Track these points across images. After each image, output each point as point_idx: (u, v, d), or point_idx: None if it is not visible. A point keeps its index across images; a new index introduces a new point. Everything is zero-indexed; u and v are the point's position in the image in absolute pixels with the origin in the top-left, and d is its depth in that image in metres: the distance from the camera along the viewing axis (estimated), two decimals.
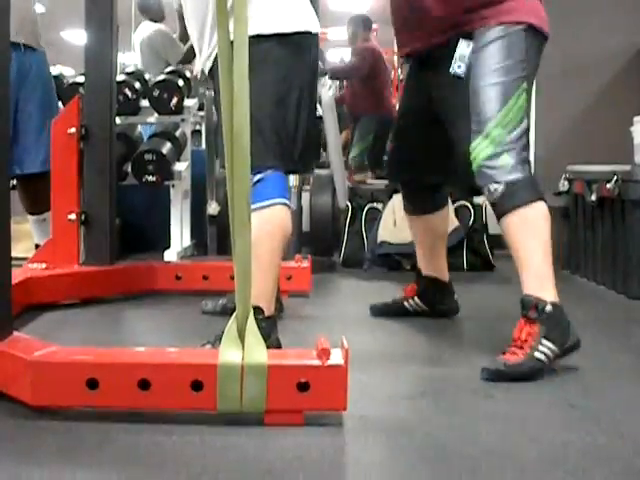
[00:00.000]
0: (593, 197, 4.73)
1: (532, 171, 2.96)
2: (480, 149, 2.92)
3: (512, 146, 2.90)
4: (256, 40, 2.74)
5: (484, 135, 2.91)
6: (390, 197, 5.42)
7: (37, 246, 4.38)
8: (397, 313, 3.76)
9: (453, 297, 3.73)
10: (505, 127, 2.90)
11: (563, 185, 5.29)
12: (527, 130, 2.98)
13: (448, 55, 2.99)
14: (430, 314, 3.72)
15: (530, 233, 2.86)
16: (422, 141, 3.36)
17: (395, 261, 5.13)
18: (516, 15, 2.97)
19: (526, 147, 2.96)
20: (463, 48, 2.95)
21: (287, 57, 2.92)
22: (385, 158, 9.09)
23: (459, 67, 2.95)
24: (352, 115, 8.92)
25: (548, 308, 2.77)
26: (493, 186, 2.88)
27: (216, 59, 2.24)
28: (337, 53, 13.48)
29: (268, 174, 2.81)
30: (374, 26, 9.46)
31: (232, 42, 2.15)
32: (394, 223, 5.20)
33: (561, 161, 5.40)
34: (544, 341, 2.75)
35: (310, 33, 3.03)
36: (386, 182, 5.85)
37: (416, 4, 3.09)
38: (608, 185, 4.47)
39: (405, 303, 3.77)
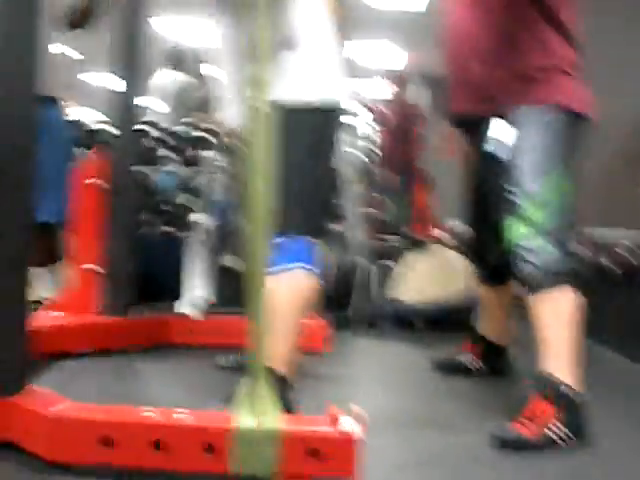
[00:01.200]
0: (606, 261, 4.74)
1: (567, 253, 2.96)
2: (515, 228, 2.94)
3: (548, 227, 2.90)
4: (286, 108, 2.80)
5: (521, 215, 2.93)
6: (403, 255, 5.44)
7: (42, 300, 4.33)
8: (458, 369, 3.85)
9: (508, 359, 3.79)
10: (543, 208, 2.91)
11: (577, 249, 5.29)
12: (564, 211, 2.97)
13: (486, 128, 3.03)
14: (486, 373, 3.79)
15: (558, 316, 2.86)
16: (486, 219, 3.37)
17: (407, 320, 5.13)
18: (554, 97, 3.00)
19: (563, 228, 2.96)
20: (498, 126, 2.97)
21: (317, 125, 2.96)
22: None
23: (493, 145, 2.97)
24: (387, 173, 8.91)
25: (567, 391, 2.77)
26: (525, 266, 2.91)
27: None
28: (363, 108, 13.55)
29: (290, 239, 2.83)
30: None
31: (259, 108, 2.19)
32: (407, 281, 5.21)
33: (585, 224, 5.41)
34: (557, 423, 2.74)
35: (339, 104, 3.08)
36: (400, 239, 5.89)
37: (458, 76, 3.17)
38: (619, 250, 4.49)
39: (462, 359, 3.86)
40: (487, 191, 3.26)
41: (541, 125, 2.98)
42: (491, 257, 3.45)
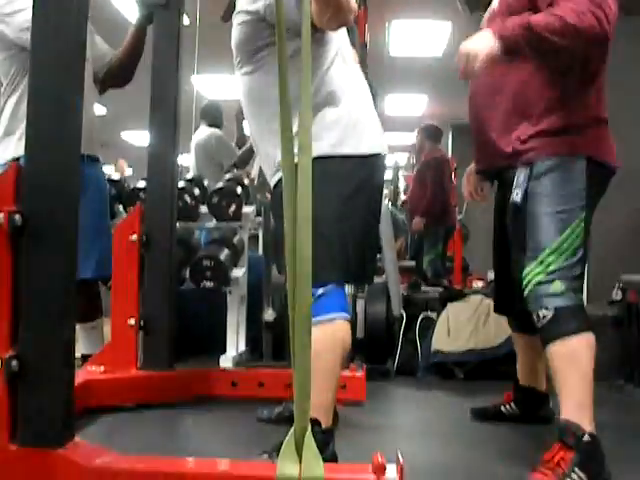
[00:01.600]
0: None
1: (582, 300, 2.99)
2: (533, 274, 2.97)
3: (565, 274, 2.94)
4: (327, 159, 2.86)
5: (538, 261, 2.96)
6: (444, 306, 5.47)
7: (84, 356, 4.36)
8: (494, 417, 3.87)
9: (548, 405, 3.80)
10: (560, 255, 2.94)
11: (617, 294, 5.31)
12: (582, 260, 3.00)
13: (511, 181, 3.07)
14: (524, 420, 3.79)
15: (574, 362, 2.87)
16: (509, 263, 3.37)
17: (448, 370, 5.15)
18: (578, 149, 3.03)
19: (580, 276, 2.99)
20: (522, 176, 3.01)
21: (356, 176, 3.01)
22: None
23: (517, 195, 3.01)
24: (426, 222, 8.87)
25: (586, 438, 2.77)
26: (542, 312, 2.92)
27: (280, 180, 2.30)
28: (392, 157, 13.66)
29: (330, 288, 2.87)
30: None
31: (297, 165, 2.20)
32: (448, 332, 5.23)
33: (615, 270, 5.43)
34: (577, 470, 2.74)
35: (379, 154, 3.12)
36: (440, 291, 5.90)
37: (482, 129, 3.20)
38: None
39: (502, 408, 3.87)
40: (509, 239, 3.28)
41: (568, 174, 3.02)
42: (520, 306, 3.48)
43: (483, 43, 2.90)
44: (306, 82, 1.76)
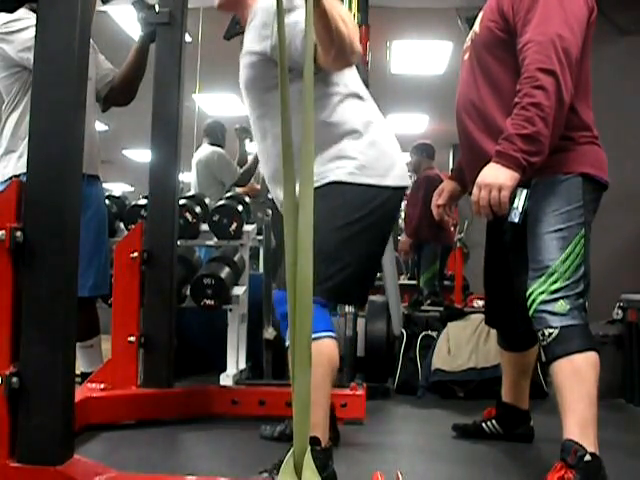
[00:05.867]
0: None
1: (587, 319, 2.97)
2: (537, 294, 2.95)
3: (569, 292, 2.92)
4: (346, 186, 2.96)
5: (542, 280, 2.95)
6: (445, 325, 5.47)
7: (83, 374, 4.37)
8: (476, 434, 3.88)
9: (529, 424, 3.81)
10: (563, 273, 2.92)
11: (617, 313, 5.31)
12: (585, 276, 2.99)
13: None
14: (505, 437, 3.80)
15: (578, 381, 2.85)
16: (507, 287, 3.37)
17: (449, 389, 5.14)
18: (572, 166, 3.02)
19: (583, 293, 2.97)
20: (520, 197, 2.99)
21: (373, 205, 3.05)
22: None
23: (515, 215, 2.99)
24: (415, 242, 8.87)
25: (587, 457, 2.75)
26: (548, 330, 2.91)
27: None
28: None
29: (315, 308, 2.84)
30: None
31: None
32: (448, 351, 5.23)
33: (615, 289, 5.42)
34: None
35: (402, 187, 3.17)
36: (440, 309, 5.90)
37: (479, 155, 3.14)
38: None
39: (483, 425, 3.88)
40: (509, 259, 3.28)
41: (565, 192, 3.01)
42: (512, 324, 3.48)
43: (500, 174, 2.89)
44: (309, 116, 1.72)
